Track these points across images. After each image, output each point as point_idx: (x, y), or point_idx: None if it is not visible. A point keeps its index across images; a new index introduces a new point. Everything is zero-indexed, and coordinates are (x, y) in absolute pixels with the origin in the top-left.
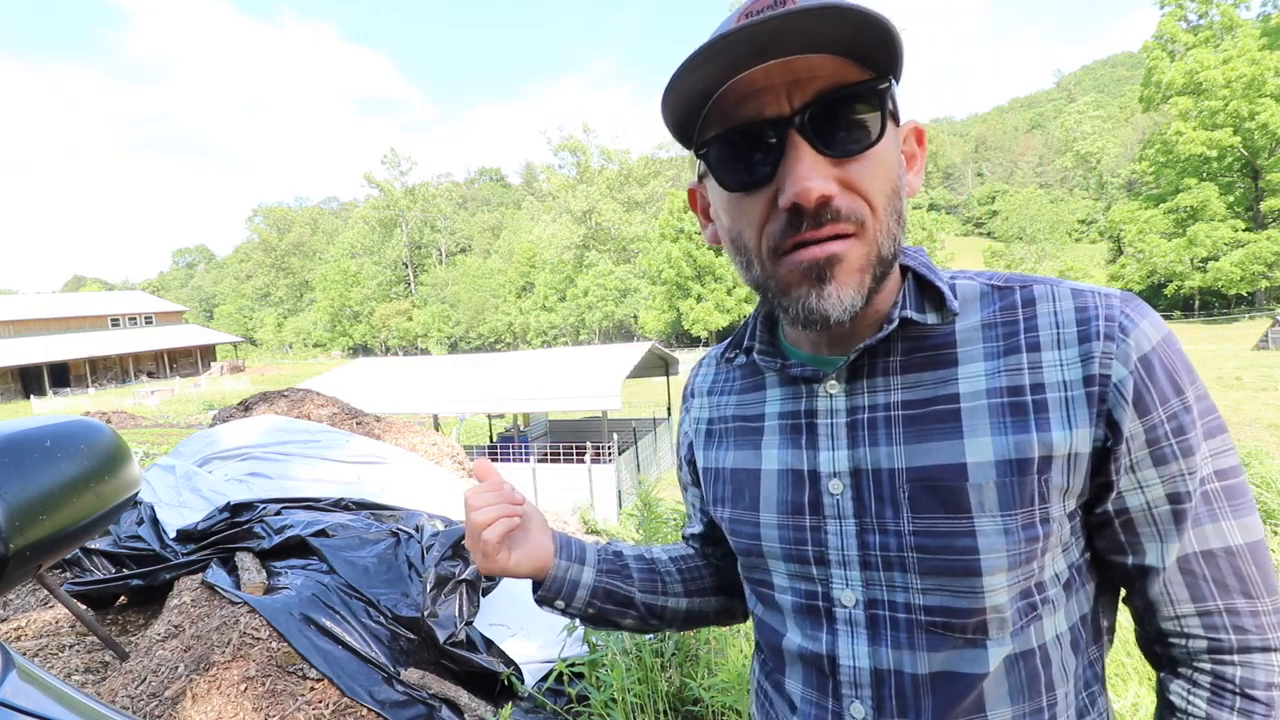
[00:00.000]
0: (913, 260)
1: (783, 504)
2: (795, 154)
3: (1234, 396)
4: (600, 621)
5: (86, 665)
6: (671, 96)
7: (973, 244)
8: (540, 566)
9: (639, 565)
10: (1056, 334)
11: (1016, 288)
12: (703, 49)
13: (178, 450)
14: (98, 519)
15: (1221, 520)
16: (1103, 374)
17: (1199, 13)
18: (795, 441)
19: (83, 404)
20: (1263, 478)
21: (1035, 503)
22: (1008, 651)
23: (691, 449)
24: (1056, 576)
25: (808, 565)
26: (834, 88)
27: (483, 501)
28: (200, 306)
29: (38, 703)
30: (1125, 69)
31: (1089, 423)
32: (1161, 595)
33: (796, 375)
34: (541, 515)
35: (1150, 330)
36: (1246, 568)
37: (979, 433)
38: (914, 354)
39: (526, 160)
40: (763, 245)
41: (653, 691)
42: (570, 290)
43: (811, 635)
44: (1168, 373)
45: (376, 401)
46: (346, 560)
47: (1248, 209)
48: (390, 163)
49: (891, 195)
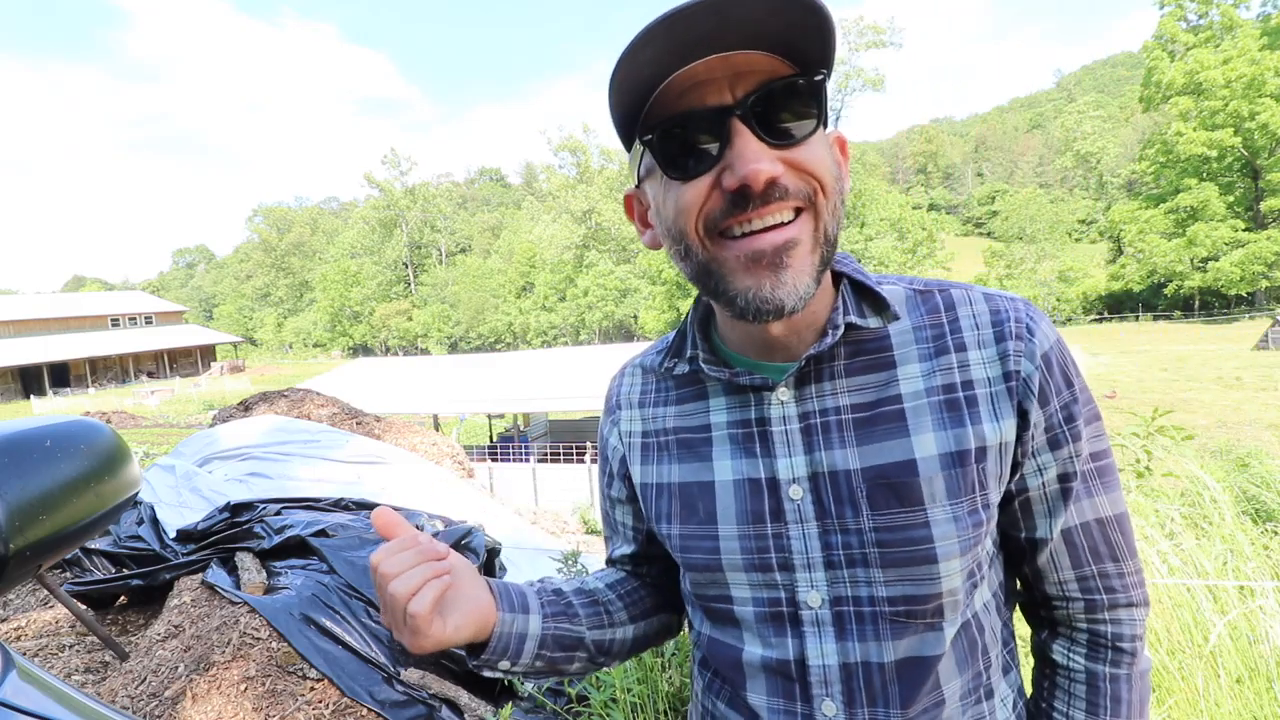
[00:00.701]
0: (845, 266)
1: (743, 514)
2: (741, 139)
3: (1234, 396)
4: (545, 673)
5: (86, 665)
6: (619, 78)
7: (972, 244)
8: (483, 626)
9: (582, 601)
10: (976, 335)
11: (936, 292)
12: (649, 28)
13: (178, 450)
14: (98, 519)
15: (1096, 495)
16: (1015, 369)
17: (1199, 13)
18: (749, 450)
19: (83, 404)
20: (1263, 478)
21: (976, 490)
22: (957, 627)
23: (625, 463)
24: (987, 552)
25: (771, 573)
26: (773, 79)
27: (399, 566)
28: (200, 306)
29: (38, 703)
30: (1125, 69)
31: (1011, 414)
32: (1047, 564)
33: (745, 384)
34: (468, 564)
35: (1048, 330)
36: (1115, 535)
37: (923, 429)
38: (856, 358)
39: (526, 160)
40: (700, 228)
41: (653, 691)
42: (570, 290)
43: (776, 643)
44: (1062, 368)
45: (376, 401)
46: (346, 560)
47: (1248, 209)
48: (390, 163)
49: (836, 177)
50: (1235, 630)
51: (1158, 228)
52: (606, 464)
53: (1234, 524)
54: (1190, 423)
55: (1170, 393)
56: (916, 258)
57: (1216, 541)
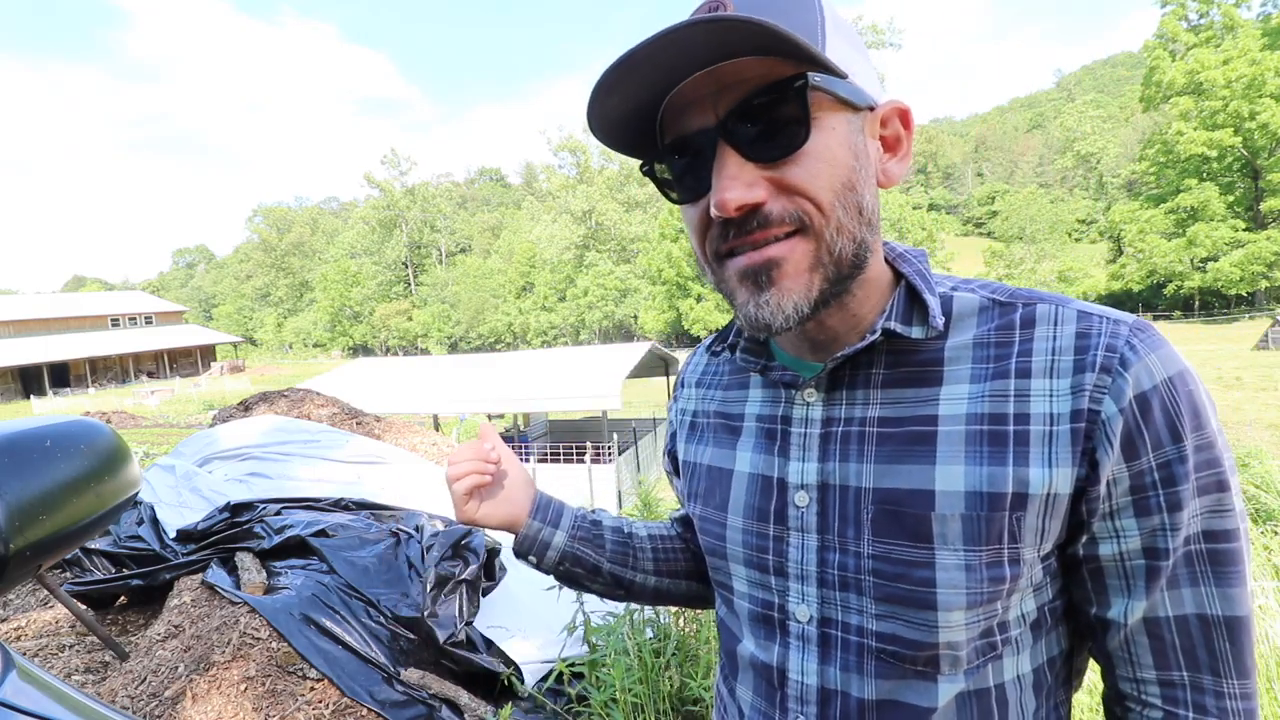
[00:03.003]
0: (909, 267)
1: (749, 509)
2: (720, 163)
3: (1234, 396)
4: (570, 581)
5: (86, 665)
6: (596, 123)
7: (973, 244)
8: (511, 522)
9: (614, 537)
10: (1051, 360)
11: (1019, 304)
12: (606, 76)
13: (178, 450)
14: (98, 519)
15: (1202, 585)
16: (1091, 409)
17: (1200, 12)
18: (769, 447)
19: (83, 404)
20: (1262, 478)
21: (1004, 541)
22: (960, 689)
23: (674, 439)
24: (1023, 617)
25: (766, 574)
26: (753, 91)
27: (459, 458)
28: (200, 306)
29: (38, 703)
30: (1125, 69)
31: (1071, 462)
32: (1121, 653)
33: (777, 379)
34: (527, 478)
35: (1157, 365)
36: (1220, 643)
37: (953, 460)
38: (898, 368)
39: (526, 160)
40: (707, 251)
41: (653, 691)
42: (570, 290)
43: (764, 645)
44: (1167, 416)
45: (376, 401)
46: (346, 560)
47: (1248, 209)
48: (390, 163)
49: (843, 189)
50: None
51: (1158, 228)
52: (670, 435)
53: None
54: None
55: None
56: None
57: None
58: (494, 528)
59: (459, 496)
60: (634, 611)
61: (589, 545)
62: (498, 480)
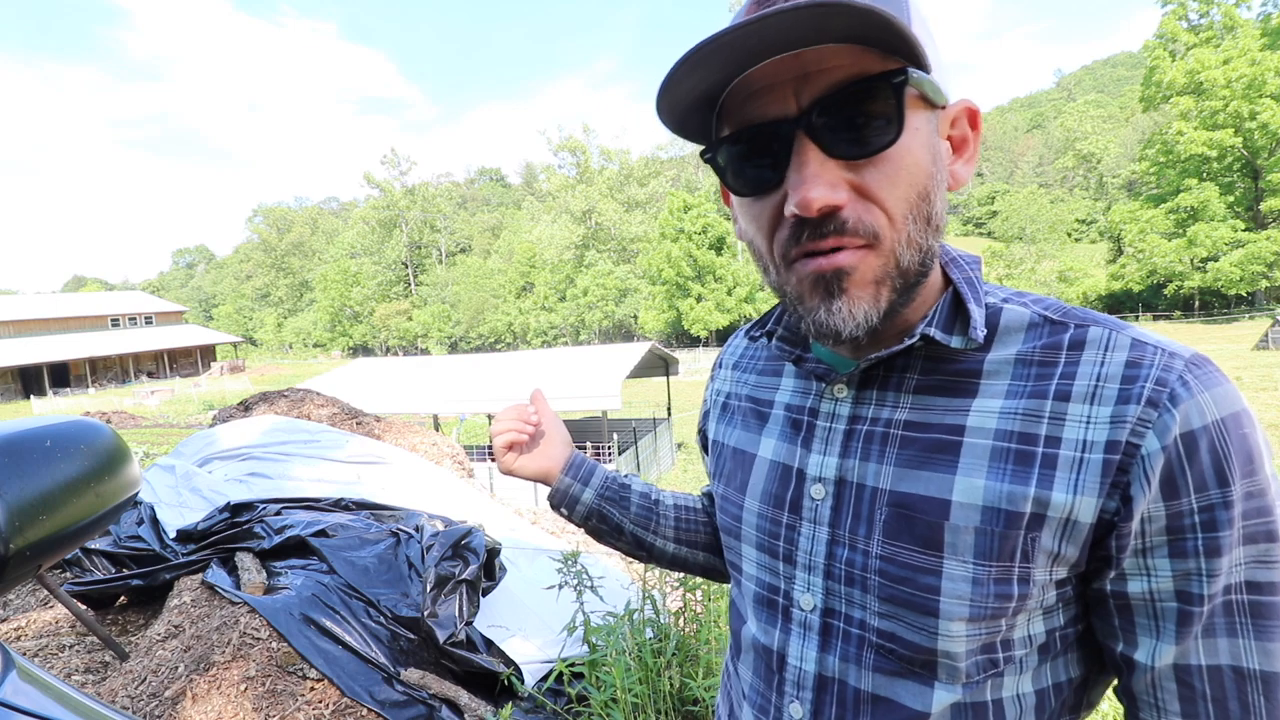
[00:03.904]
0: (958, 273)
1: (766, 494)
2: (800, 158)
3: None
4: (598, 536)
5: (86, 665)
6: (668, 101)
7: (972, 244)
8: (545, 475)
9: (640, 501)
10: (1094, 387)
11: (1071, 324)
12: (695, 50)
13: (178, 450)
14: (98, 519)
15: (1240, 637)
16: (1131, 442)
17: (1200, 12)
18: (793, 437)
19: (83, 404)
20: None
21: (1015, 559)
22: (956, 699)
23: (707, 418)
24: (1030, 638)
25: (775, 560)
26: (845, 82)
27: (504, 417)
28: (200, 307)
29: (38, 703)
30: (1125, 69)
31: (1098, 492)
32: (1147, 697)
33: (811, 371)
34: (566, 439)
35: (1210, 404)
36: (1255, 697)
37: (974, 472)
38: (933, 375)
39: (526, 160)
40: (774, 252)
41: (653, 691)
42: (570, 290)
43: (766, 628)
44: (1215, 458)
45: (376, 401)
46: (346, 560)
47: (1248, 209)
48: (390, 163)
49: (917, 200)
50: None
51: (1158, 228)
52: (704, 413)
53: None
54: None
55: None
56: None
57: None
58: (529, 478)
59: (499, 448)
60: (634, 611)
61: (615, 505)
62: (535, 439)
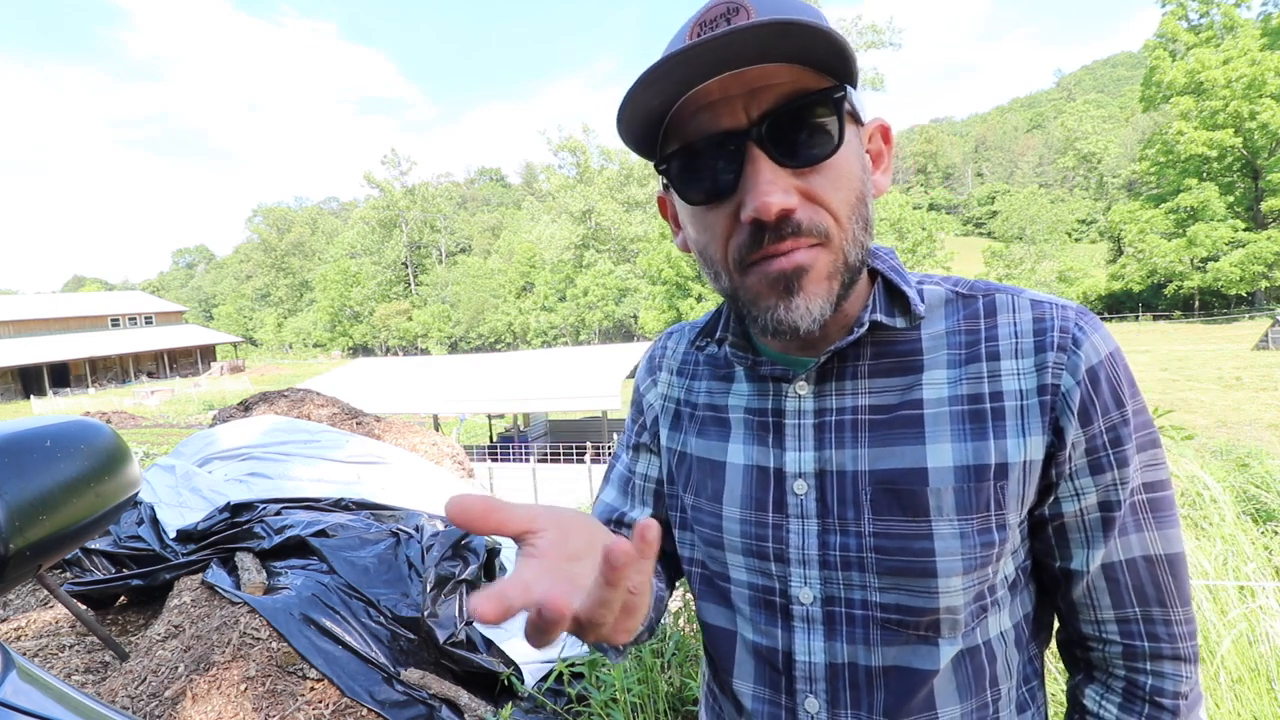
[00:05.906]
0: (882, 264)
1: (746, 499)
2: (754, 166)
3: (1234, 396)
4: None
5: (86, 665)
6: (626, 115)
7: (972, 244)
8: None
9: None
10: (1015, 344)
11: (979, 296)
12: (654, 68)
13: (178, 450)
14: (98, 519)
15: (1145, 530)
16: (1054, 384)
17: (1200, 12)
18: (762, 439)
19: (83, 404)
20: (1263, 478)
21: (991, 509)
22: (958, 649)
23: (657, 423)
24: (1005, 578)
25: (767, 561)
26: (791, 96)
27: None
28: (200, 307)
29: (38, 703)
30: (1125, 69)
31: (1041, 430)
32: (1084, 599)
33: (766, 374)
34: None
35: (1100, 344)
36: (1164, 577)
37: (940, 439)
38: (881, 359)
39: (526, 160)
40: (729, 258)
41: (653, 691)
42: (570, 290)
43: (767, 631)
44: (1111, 386)
45: (376, 401)
46: (346, 560)
47: (1248, 209)
48: (390, 163)
49: (856, 203)
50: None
51: (1158, 228)
52: (640, 415)
53: (1234, 524)
54: (1190, 423)
55: (1170, 393)
56: (916, 258)
57: (1217, 542)
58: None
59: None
60: None
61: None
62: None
